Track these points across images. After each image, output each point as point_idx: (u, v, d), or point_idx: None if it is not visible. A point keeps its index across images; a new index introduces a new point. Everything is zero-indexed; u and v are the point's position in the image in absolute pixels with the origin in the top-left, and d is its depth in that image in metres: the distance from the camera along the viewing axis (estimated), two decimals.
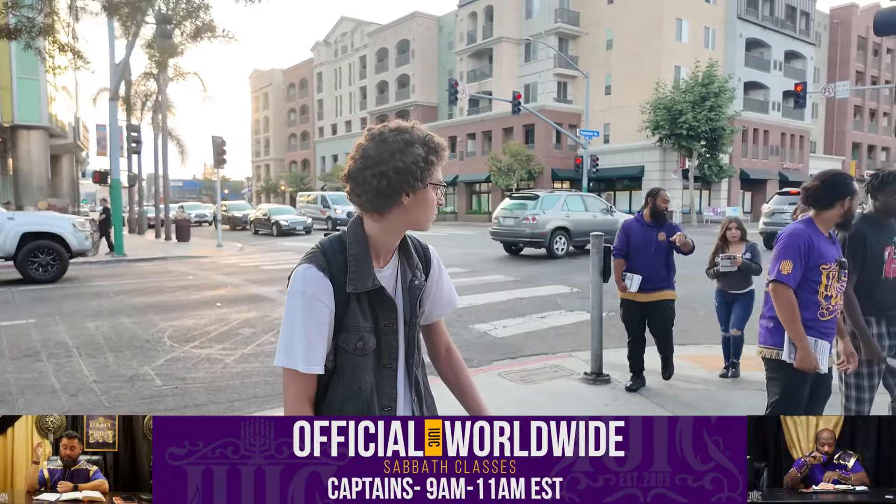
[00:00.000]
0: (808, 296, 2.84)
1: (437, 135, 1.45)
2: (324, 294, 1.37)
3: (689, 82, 33.52)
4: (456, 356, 1.71)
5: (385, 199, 1.38)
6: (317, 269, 1.38)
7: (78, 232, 11.94)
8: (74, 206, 30.16)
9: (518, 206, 16.24)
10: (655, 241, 5.09)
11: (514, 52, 47.73)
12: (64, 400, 4.87)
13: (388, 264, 1.49)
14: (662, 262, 5.13)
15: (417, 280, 1.51)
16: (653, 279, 5.07)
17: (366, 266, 1.41)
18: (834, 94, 29.45)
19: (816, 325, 2.85)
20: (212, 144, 20.79)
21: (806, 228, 2.87)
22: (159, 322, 7.90)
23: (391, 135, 1.38)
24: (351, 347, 1.41)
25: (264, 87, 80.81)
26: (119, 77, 17.57)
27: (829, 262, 2.82)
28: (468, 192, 47.96)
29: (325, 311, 1.38)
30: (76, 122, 27.87)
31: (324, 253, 1.42)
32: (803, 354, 2.79)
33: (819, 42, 52.81)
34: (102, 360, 6.07)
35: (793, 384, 2.88)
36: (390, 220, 1.42)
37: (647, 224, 5.17)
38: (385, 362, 1.46)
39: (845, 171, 3.00)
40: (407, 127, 1.41)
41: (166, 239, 24.18)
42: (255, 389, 5.20)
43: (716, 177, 36.11)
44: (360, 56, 63.61)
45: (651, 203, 5.19)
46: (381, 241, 1.45)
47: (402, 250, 1.52)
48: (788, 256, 2.82)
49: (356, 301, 1.41)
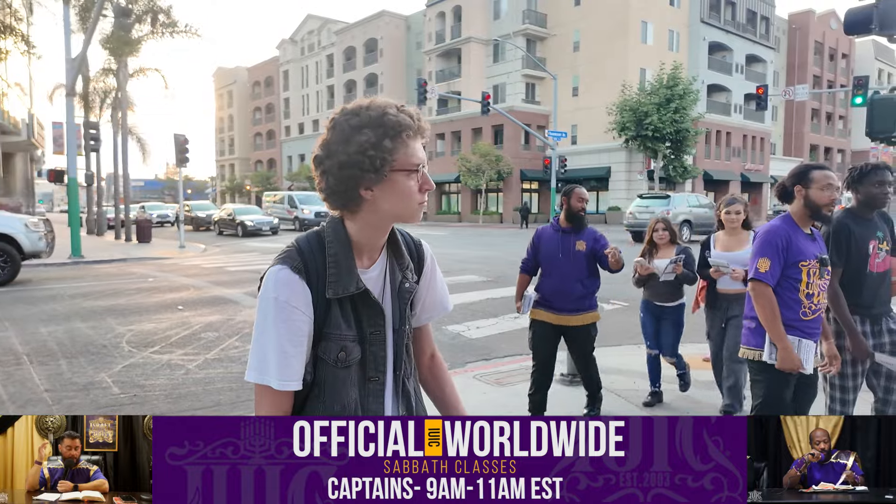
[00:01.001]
0: (790, 294, 2.78)
1: (407, 107, 1.23)
2: (299, 300, 1.20)
3: (654, 84, 34.01)
4: (441, 366, 1.55)
5: (339, 196, 1.21)
6: (291, 270, 1.20)
7: (31, 232, 11.42)
8: (29, 205, 29.03)
9: (654, 203, 20.84)
10: (572, 250, 4.09)
11: (483, 53, 47.82)
12: (12, 411, 4.56)
13: (374, 264, 1.30)
14: (582, 277, 4.10)
15: (408, 282, 1.33)
16: (569, 297, 4.10)
17: (347, 267, 1.23)
18: (793, 97, 30.24)
19: (800, 324, 2.79)
20: (174, 143, 20.23)
21: (783, 225, 2.82)
22: (117, 326, 7.56)
23: (342, 119, 1.20)
24: (332, 359, 1.23)
25: (229, 85, 79.39)
26: (76, 72, 16.91)
27: (809, 258, 2.76)
28: (438, 192, 47.82)
29: (301, 318, 1.20)
30: (30, 119, 26.78)
31: (300, 252, 1.23)
32: (784, 355, 2.73)
33: (778, 46, 54.25)
34: (55, 367, 5.74)
35: (776, 386, 2.81)
36: (363, 216, 1.23)
37: (562, 230, 4.16)
38: (371, 375, 1.28)
39: (815, 162, 2.92)
40: (361, 107, 1.21)
41: (126, 240, 23.46)
42: (219, 396, 4.96)
43: (680, 178, 36.70)
44: (328, 54, 62.98)
45: (566, 204, 4.16)
46: (363, 239, 1.27)
47: (392, 248, 1.34)
48: (765, 254, 2.76)
49: (338, 306, 1.23)
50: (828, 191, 2.75)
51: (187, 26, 22.71)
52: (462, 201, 45.33)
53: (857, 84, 19.81)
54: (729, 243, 4.21)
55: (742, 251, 4.08)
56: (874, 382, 3.32)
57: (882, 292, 3.25)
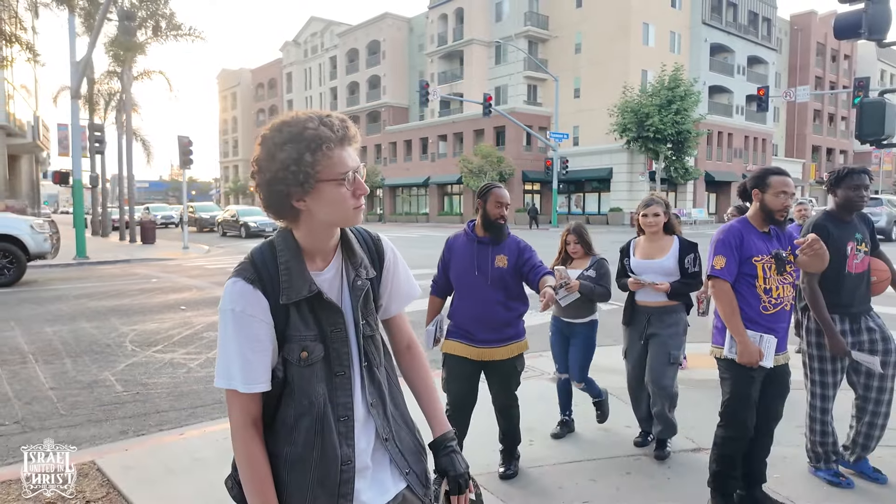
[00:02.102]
0: (748, 289, 2.91)
1: (332, 115, 1.27)
2: (255, 308, 1.27)
3: (655, 86, 34.07)
4: (419, 357, 1.61)
5: (274, 209, 1.29)
6: (245, 281, 1.28)
7: (36, 234, 11.57)
8: (35, 207, 29.24)
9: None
10: (491, 266, 3.20)
11: (485, 55, 47.94)
12: (17, 408, 4.70)
13: (328, 265, 1.38)
14: (503, 299, 3.22)
15: (360, 280, 1.40)
16: (486, 326, 3.21)
17: (298, 272, 1.30)
18: (794, 99, 30.31)
19: (760, 318, 2.91)
20: (178, 145, 20.39)
21: (737, 226, 2.97)
22: (121, 326, 7.69)
23: (269, 136, 1.25)
24: (295, 359, 1.31)
25: (232, 87, 79.65)
26: (80, 75, 17.08)
27: (762, 254, 2.89)
28: (440, 193, 47.95)
29: (259, 325, 1.27)
30: (35, 122, 26.99)
31: (252, 263, 1.31)
32: (742, 349, 2.85)
33: (780, 48, 54.24)
34: (60, 366, 5.87)
35: (741, 383, 2.92)
36: (304, 225, 1.31)
37: (478, 240, 3.26)
38: (337, 370, 1.36)
39: (775, 167, 3.02)
40: (284, 123, 1.25)
41: (131, 241, 23.63)
42: (220, 394, 5.08)
43: (682, 179, 36.76)
44: (331, 56, 63.14)
45: (481, 208, 3.26)
46: (310, 245, 1.34)
47: (345, 248, 1.41)
48: (720, 252, 2.93)
49: (295, 310, 1.30)
50: (781, 197, 2.87)
51: (191, 29, 22.94)
52: (464, 202, 45.41)
53: (858, 85, 19.87)
54: (649, 250, 3.77)
55: (663, 258, 3.70)
56: (854, 379, 3.42)
57: (860, 292, 3.34)
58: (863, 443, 3.40)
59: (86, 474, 3.42)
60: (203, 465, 3.56)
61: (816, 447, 3.40)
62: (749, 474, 3.07)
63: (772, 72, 49.80)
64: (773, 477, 3.38)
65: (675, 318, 3.71)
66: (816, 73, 56.79)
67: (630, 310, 3.87)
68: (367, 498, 1.37)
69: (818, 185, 55.10)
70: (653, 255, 3.74)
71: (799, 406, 3.59)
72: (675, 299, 3.70)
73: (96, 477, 3.40)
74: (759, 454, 3.05)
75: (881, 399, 3.34)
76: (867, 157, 54.78)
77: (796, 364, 3.52)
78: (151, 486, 3.29)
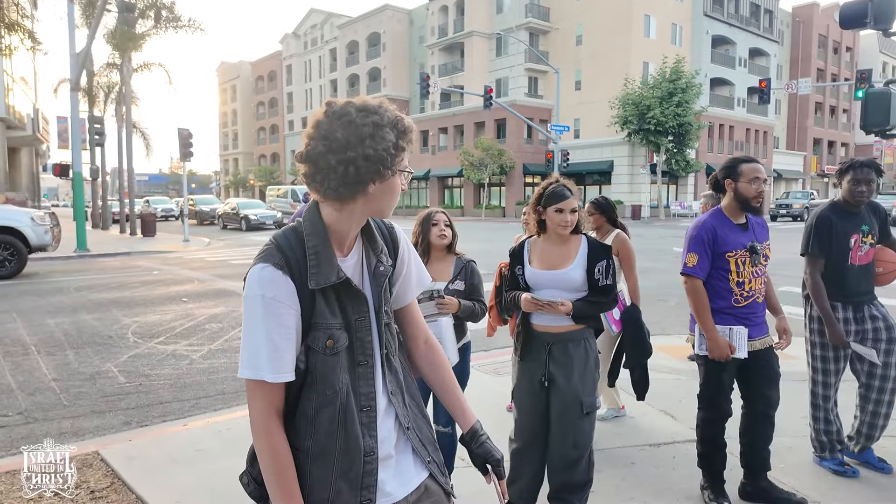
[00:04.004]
0: (721, 283, 2.92)
1: (405, 115, 1.33)
2: (284, 295, 1.24)
3: (657, 78, 33.95)
4: (436, 350, 1.58)
5: (350, 187, 1.25)
6: (274, 267, 1.24)
7: (37, 226, 11.56)
8: (35, 200, 29.21)
9: None
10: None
11: (486, 47, 47.74)
12: (21, 399, 4.69)
13: (351, 252, 1.37)
14: None
15: (383, 266, 1.40)
16: None
17: (327, 258, 1.28)
18: (796, 91, 30.15)
19: (732, 310, 2.93)
20: (178, 137, 20.33)
21: (710, 220, 2.95)
22: (122, 318, 7.69)
23: (359, 116, 1.24)
24: (320, 347, 1.29)
25: (232, 80, 79.39)
26: (80, 67, 17.02)
27: (736, 248, 2.89)
28: (440, 186, 47.87)
29: (288, 312, 1.25)
30: (35, 114, 26.93)
31: (279, 249, 1.28)
32: (712, 345, 2.90)
33: (782, 40, 54.01)
34: (62, 357, 5.87)
35: (713, 371, 2.99)
36: (353, 208, 1.30)
37: None
38: (360, 360, 1.34)
39: (745, 156, 3.02)
40: (374, 106, 1.27)
41: (131, 234, 23.61)
42: (223, 385, 5.08)
43: (683, 171, 36.67)
44: (331, 49, 62.91)
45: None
46: (341, 230, 1.32)
47: (366, 235, 1.41)
48: (693, 249, 2.92)
49: (322, 297, 1.28)
50: (755, 184, 2.87)
51: (191, 21, 22.84)
52: (465, 195, 45.36)
53: (860, 77, 19.81)
54: (551, 257, 2.73)
55: (569, 268, 2.67)
56: (858, 367, 3.42)
57: (864, 282, 3.34)
58: (867, 432, 3.40)
59: (90, 464, 3.42)
60: (206, 456, 3.56)
61: (821, 436, 3.40)
62: (752, 464, 3.06)
63: (773, 64, 49.60)
64: (778, 467, 3.38)
65: (584, 349, 2.68)
66: (818, 66, 56.56)
67: (524, 337, 2.77)
68: (392, 488, 1.35)
69: (819, 177, 55.04)
70: (555, 263, 2.70)
71: (805, 397, 3.58)
72: (581, 322, 2.67)
73: (100, 467, 3.40)
74: (761, 443, 3.04)
75: (884, 387, 3.34)
76: (868, 149, 54.64)
77: (798, 354, 3.51)
78: (155, 476, 3.29)
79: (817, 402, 3.40)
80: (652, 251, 16.17)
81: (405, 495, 1.37)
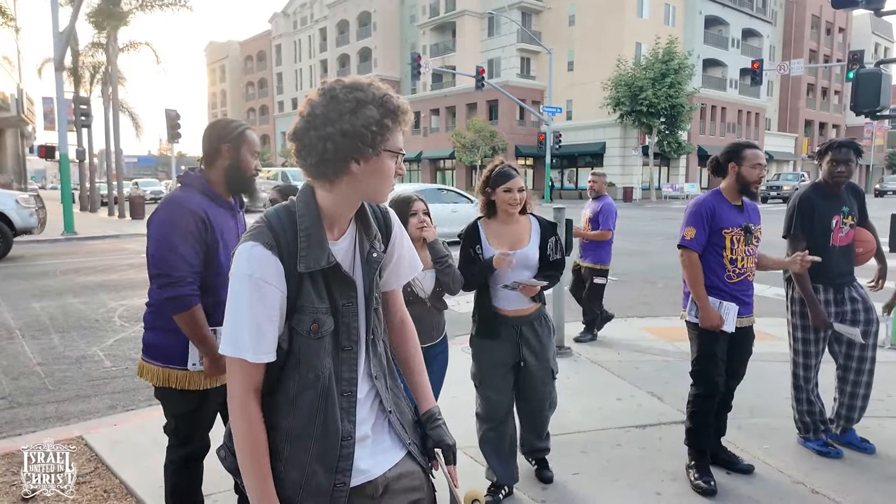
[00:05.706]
0: (715, 258, 3.05)
1: (399, 95, 1.28)
2: (272, 275, 1.23)
3: (649, 59, 33.78)
4: (409, 331, 1.58)
5: (329, 165, 1.23)
6: (263, 247, 1.23)
7: (22, 209, 11.41)
8: (21, 182, 28.82)
9: None
10: None
11: (478, 27, 47.26)
12: (5, 384, 4.65)
13: (343, 235, 1.35)
14: None
15: (376, 252, 1.38)
16: None
17: (318, 241, 1.26)
18: (788, 72, 30.11)
19: (724, 285, 3.05)
20: (165, 118, 20.08)
21: (710, 198, 3.09)
22: (109, 301, 7.63)
23: (343, 91, 1.22)
24: (305, 330, 1.27)
25: (221, 60, 78.38)
26: (64, 46, 16.67)
27: (733, 226, 3.01)
28: (432, 168, 47.69)
29: (274, 294, 1.23)
30: (19, 94, 26.43)
31: (270, 228, 1.26)
32: (704, 314, 3.00)
33: (775, 20, 53.76)
34: (47, 341, 5.82)
35: (706, 343, 3.08)
36: (341, 188, 1.27)
37: None
38: (344, 345, 1.33)
39: (747, 141, 3.14)
40: (362, 84, 1.25)
41: (120, 216, 23.41)
42: None
43: (675, 153, 36.67)
44: (321, 28, 62.11)
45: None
46: (334, 212, 1.30)
47: (360, 219, 1.38)
48: (691, 223, 3.04)
49: (310, 280, 1.26)
50: (757, 169, 3.00)
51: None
52: (457, 177, 45.20)
53: (852, 59, 19.69)
54: (509, 237, 2.82)
55: (527, 247, 2.80)
56: (836, 349, 3.46)
57: (845, 264, 3.38)
58: (846, 414, 3.43)
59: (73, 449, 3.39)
60: None
61: (804, 417, 3.43)
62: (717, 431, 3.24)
63: (766, 45, 49.43)
64: (762, 448, 3.40)
65: (547, 324, 2.91)
66: (811, 47, 56.41)
67: (491, 322, 2.84)
68: (367, 465, 1.36)
69: (810, 159, 55.19)
70: (514, 243, 2.79)
71: (788, 378, 3.59)
72: (537, 299, 2.83)
73: (84, 452, 3.38)
74: (719, 409, 3.18)
75: (862, 369, 3.38)
76: (859, 131, 54.80)
77: (782, 335, 3.52)
78: (140, 461, 3.26)
79: (799, 383, 3.44)
80: (643, 233, 16.20)
81: (382, 472, 1.37)
